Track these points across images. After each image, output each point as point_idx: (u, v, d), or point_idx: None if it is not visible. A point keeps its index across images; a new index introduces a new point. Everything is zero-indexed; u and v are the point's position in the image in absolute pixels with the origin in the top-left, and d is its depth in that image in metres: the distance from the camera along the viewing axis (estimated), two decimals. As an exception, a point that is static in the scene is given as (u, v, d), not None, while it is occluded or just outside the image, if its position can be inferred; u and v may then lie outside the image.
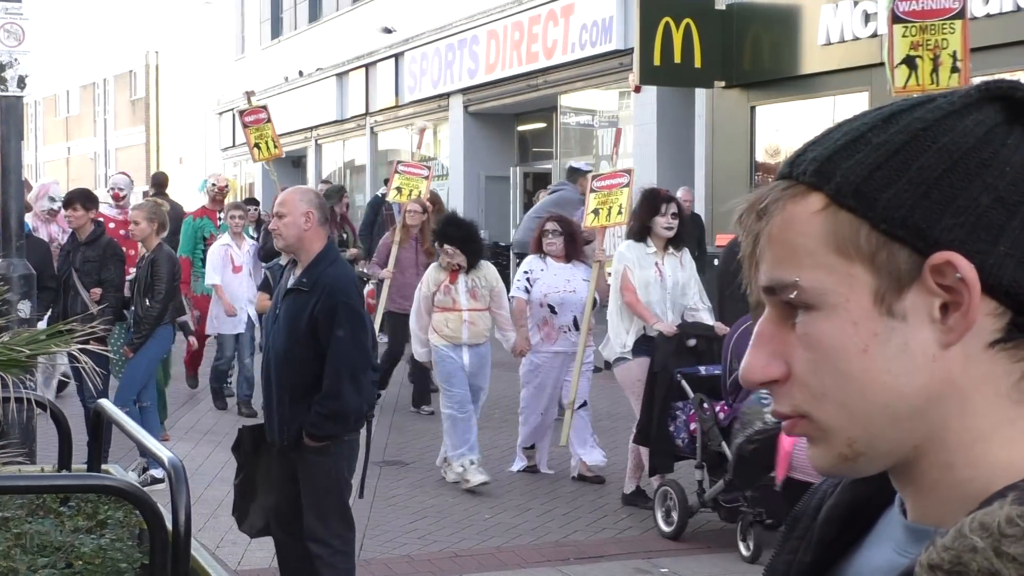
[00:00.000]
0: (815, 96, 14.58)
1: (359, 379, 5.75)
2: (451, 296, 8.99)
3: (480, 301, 9.03)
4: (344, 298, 5.70)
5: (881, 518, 1.15)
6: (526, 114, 22.44)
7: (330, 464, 5.74)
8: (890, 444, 1.05)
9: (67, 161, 56.99)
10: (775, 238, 1.08)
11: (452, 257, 8.95)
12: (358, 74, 26.76)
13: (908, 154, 1.04)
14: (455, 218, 9.71)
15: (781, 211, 1.08)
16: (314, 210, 5.81)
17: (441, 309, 9.04)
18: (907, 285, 1.03)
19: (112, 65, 51.64)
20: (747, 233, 1.10)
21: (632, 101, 17.92)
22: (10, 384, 4.34)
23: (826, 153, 1.07)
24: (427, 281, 9.17)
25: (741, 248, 1.12)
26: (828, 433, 1.07)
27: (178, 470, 3.73)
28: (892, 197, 1.03)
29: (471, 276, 9.02)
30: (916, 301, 1.03)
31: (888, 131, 1.05)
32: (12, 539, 3.77)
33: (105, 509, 4.27)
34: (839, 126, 1.10)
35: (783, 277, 1.07)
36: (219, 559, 6.59)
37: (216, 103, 37.00)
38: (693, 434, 7.50)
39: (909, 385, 1.03)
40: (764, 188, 1.10)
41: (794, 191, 1.08)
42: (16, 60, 8.07)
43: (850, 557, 1.16)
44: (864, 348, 1.03)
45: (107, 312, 9.12)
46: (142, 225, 9.29)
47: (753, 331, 1.10)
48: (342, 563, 5.84)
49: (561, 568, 7.25)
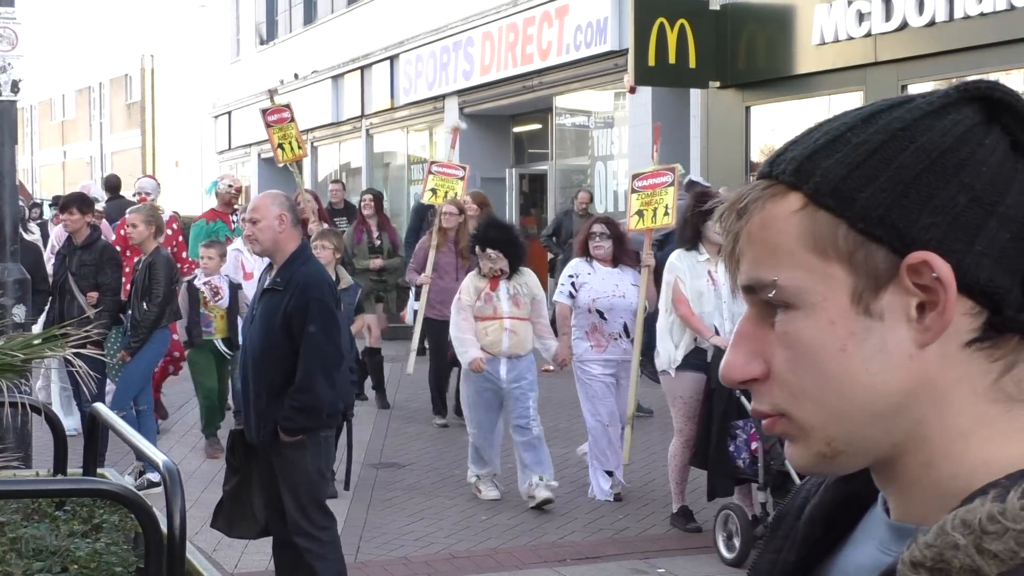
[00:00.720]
0: (810, 96, 14.58)
1: (331, 374, 5.92)
2: (492, 304, 8.48)
3: (522, 309, 8.51)
4: (316, 295, 5.87)
5: (865, 517, 1.15)
6: (522, 115, 22.43)
7: (306, 459, 5.85)
8: (869, 442, 1.06)
9: (63, 165, 56.94)
10: (754, 237, 1.08)
11: (494, 262, 8.43)
12: (353, 76, 26.75)
13: (886, 154, 1.04)
14: (496, 220, 9.16)
15: (760, 210, 1.08)
16: (286, 212, 5.99)
17: (480, 318, 8.51)
18: (884, 284, 1.03)
19: (107, 69, 51.60)
20: (727, 232, 1.11)
21: (627, 102, 17.92)
22: (4, 389, 4.34)
23: (805, 152, 1.07)
24: (467, 290, 8.61)
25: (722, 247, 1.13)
26: (807, 432, 1.07)
27: (173, 473, 3.73)
28: (870, 197, 1.03)
29: (513, 282, 8.51)
30: (893, 300, 1.03)
31: (867, 131, 1.06)
32: (7, 543, 3.78)
33: (100, 513, 4.28)
34: (819, 126, 1.10)
35: (762, 276, 1.07)
36: (215, 562, 6.59)
37: (212, 106, 36.97)
38: (755, 454, 7.10)
39: (887, 384, 1.03)
40: (745, 187, 1.11)
41: (774, 190, 1.08)
42: (9, 64, 8.07)
43: (834, 556, 1.16)
44: (842, 347, 1.04)
45: (104, 316, 9.12)
46: (140, 228, 9.30)
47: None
48: (332, 553, 5.96)
49: (558, 569, 7.25)
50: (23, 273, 8.10)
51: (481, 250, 8.50)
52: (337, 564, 5.97)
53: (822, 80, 14.28)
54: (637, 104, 17.49)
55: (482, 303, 8.48)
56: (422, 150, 25.56)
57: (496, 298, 8.46)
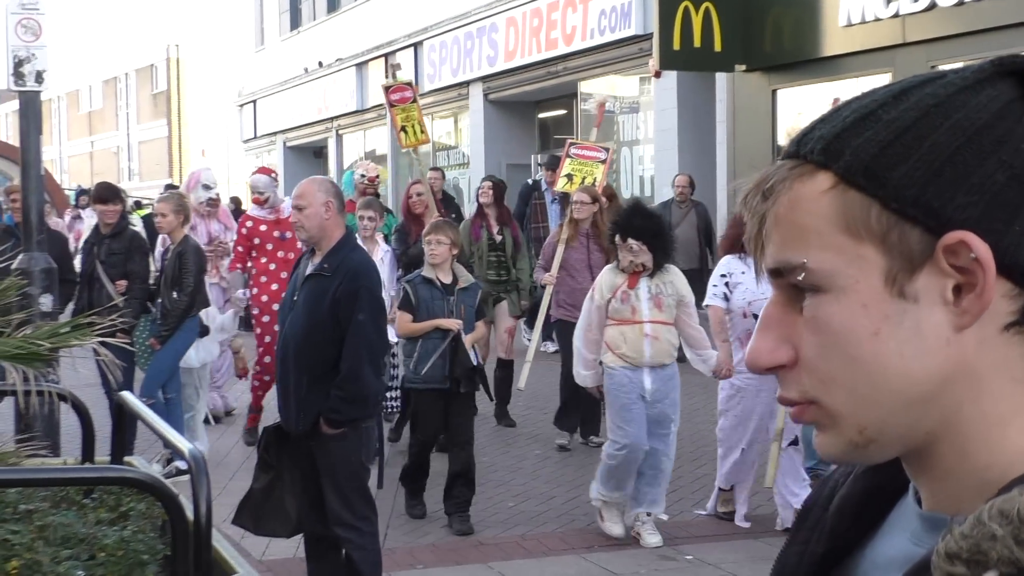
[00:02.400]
0: (837, 78, 14.49)
1: (378, 363, 5.89)
2: (630, 304, 7.28)
3: (665, 312, 7.30)
4: (367, 282, 5.82)
5: (895, 508, 1.12)
6: (546, 101, 22.41)
7: (348, 449, 5.80)
8: (902, 430, 1.03)
9: (91, 155, 57.22)
10: (782, 219, 1.05)
11: (636, 255, 7.22)
12: (378, 64, 26.76)
13: (920, 131, 1.00)
14: (641, 207, 7.78)
15: (788, 191, 1.05)
16: (332, 199, 5.91)
17: (617, 321, 7.31)
18: (919, 266, 1.00)
19: (133, 59, 51.82)
20: (752, 214, 1.07)
21: (652, 86, 17.87)
22: (31, 377, 4.35)
23: (834, 131, 1.04)
24: (600, 287, 7.39)
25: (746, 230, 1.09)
26: (837, 420, 1.04)
27: (199, 461, 3.73)
28: (903, 175, 1.00)
29: (655, 280, 7.31)
30: (928, 282, 1.00)
31: (899, 107, 1.02)
32: (36, 531, 3.79)
33: (127, 501, 4.28)
34: (848, 103, 1.07)
35: (790, 259, 1.04)
36: (243, 550, 6.60)
37: (237, 95, 37.05)
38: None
39: (921, 369, 1.00)
40: (770, 168, 1.07)
41: (801, 170, 1.05)
42: (34, 55, 8.09)
43: (863, 547, 1.13)
44: (875, 331, 1.00)
45: (132, 304, 9.15)
46: (169, 218, 9.31)
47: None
48: (371, 544, 5.93)
49: (586, 556, 7.24)
50: (49, 262, 8.13)
51: (622, 240, 7.25)
52: (375, 555, 5.95)
53: (850, 62, 14.19)
54: (662, 89, 17.44)
55: (618, 303, 7.30)
56: (447, 136, 25.56)
57: (635, 298, 7.29)
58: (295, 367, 5.84)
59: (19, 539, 3.69)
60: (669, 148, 17.53)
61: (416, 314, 7.78)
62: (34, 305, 7.66)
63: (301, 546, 6.38)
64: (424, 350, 7.73)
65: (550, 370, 11.38)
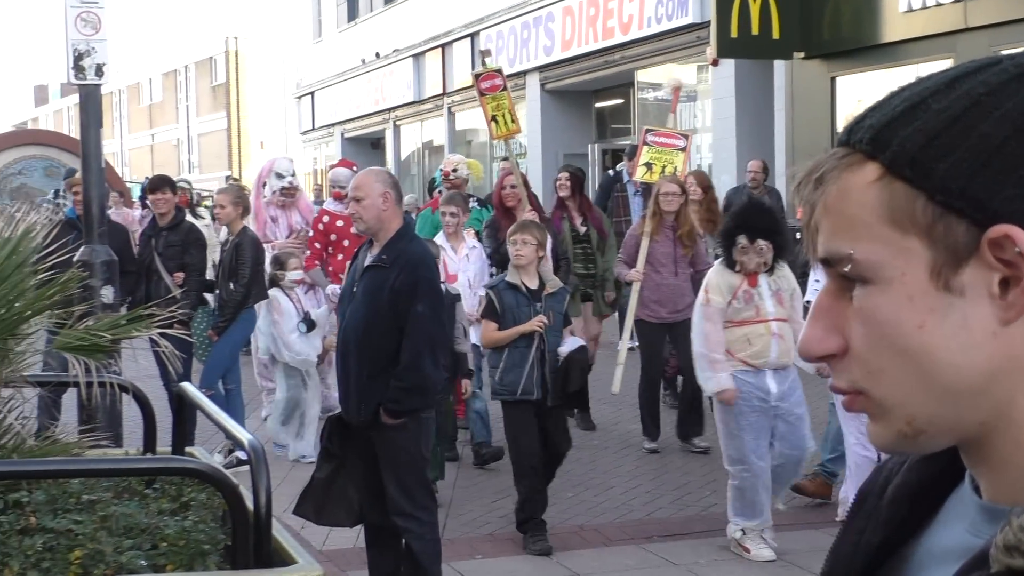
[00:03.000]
0: (897, 65, 14.32)
1: (437, 354, 5.90)
2: (753, 303, 6.91)
3: (786, 307, 6.99)
4: (426, 273, 5.84)
5: (951, 497, 1.11)
6: (603, 90, 22.35)
7: (408, 439, 5.81)
8: (951, 422, 1.02)
9: (151, 148, 57.79)
10: (831, 208, 1.04)
11: (762, 255, 6.86)
12: (435, 55, 26.80)
13: (968, 121, 0.99)
14: (760, 204, 7.64)
15: (837, 180, 1.04)
16: (390, 190, 5.92)
17: (738, 323, 6.93)
18: (965, 259, 0.98)
19: (192, 52, 52.27)
20: (805, 203, 1.07)
21: (710, 75, 17.77)
22: (93, 369, 4.39)
23: (884, 120, 1.03)
24: (715, 289, 6.94)
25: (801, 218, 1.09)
26: (887, 410, 1.03)
27: (258, 452, 3.76)
28: (950, 167, 0.98)
29: (773, 276, 6.99)
30: (974, 276, 0.98)
31: (950, 96, 1.01)
32: (98, 521, 3.82)
33: (188, 491, 4.32)
34: (900, 91, 1.05)
35: (839, 249, 1.03)
36: (303, 540, 6.64)
37: (295, 87, 37.25)
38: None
39: (968, 362, 0.99)
40: (822, 156, 1.07)
41: (850, 160, 1.04)
42: (93, 48, 8.16)
43: (919, 537, 1.12)
44: (920, 324, 0.99)
45: (189, 296, 9.23)
46: (227, 209, 9.40)
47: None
48: (430, 534, 5.95)
49: (644, 546, 7.22)
50: (110, 255, 8.21)
51: (750, 241, 6.82)
52: (434, 545, 5.98)
53: (910, 48, 14.03)
54: (720, 77, 17.33)
55: (740, 304, 6.91)
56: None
57: (758, 296, 6.92)
58: (355, 358, 5.86)
59: (82, 529, 3.73)
60: (727, 137, 17.43)
61: (501, 322, 7.22)
62: (95, 297, 7.73)
63: (361, 536, 6.41)
64: (511, 360, 7.17)
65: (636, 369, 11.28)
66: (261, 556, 3.65)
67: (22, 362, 4.50)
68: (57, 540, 3.68)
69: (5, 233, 4.48)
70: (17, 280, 4.41)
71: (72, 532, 3.72)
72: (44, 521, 3.75)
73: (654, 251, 9.39)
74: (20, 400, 4.59)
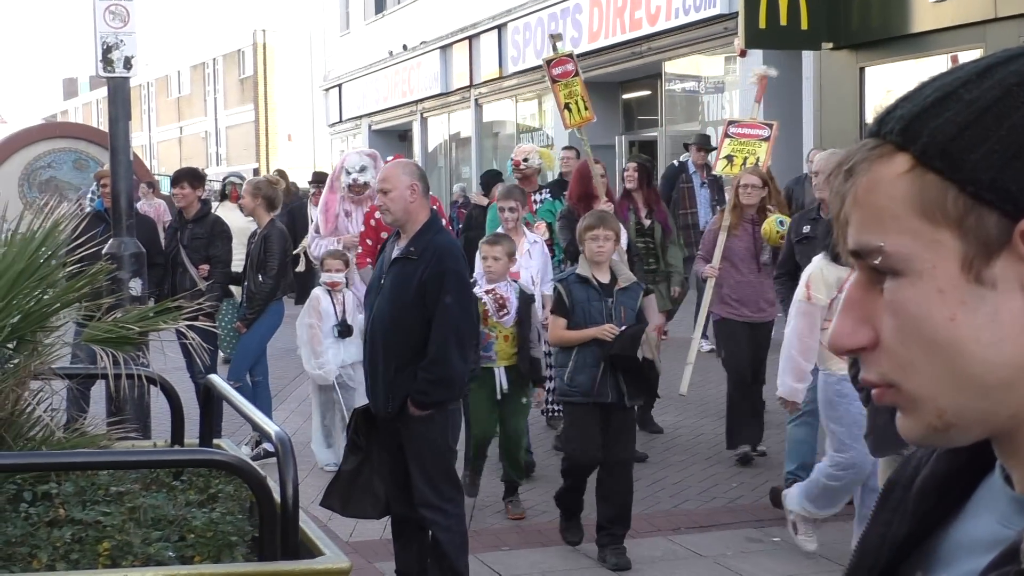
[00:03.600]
0: (927, 55, 14.24)
1: (465, 346, 5.87)
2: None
3: None
4: (453, 265, 5.81)
5: (980, 487, 1.10)
6: (630, 82, 22.30)
7: (434, 431, 5.82)
8: (982, 415, 1.01)
9: (179, 141, 57.99)
10: (861, 200, 1.03)
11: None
12: (462, 46, 26.79)
13: (1000, 111, 0.98)
14: None
15: (867, 172, 1.03)
16: (417, 182, 5.92)
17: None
18: (997, 251, 0.97)
19: (221, 44, 52.41)
20: (836, 194, 1.06)
21: (738, 66, 17.70)
22: (122, 361, 4.42)
23: (914, 111, 1.02)
24: (818, 284, 6.41)
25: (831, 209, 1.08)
26: (917, 403, 1.02)
27: (285, 444, 3.77)
28: (980, 158, 0.97)
29: None
30: (1006, 268, 0.97)
31: (982, 86, 1.00)
32: (127, 513, 3.85)
33: (216, 483, 4.34)
34: (932, 80, 1.04)
35: (869, 241, 1.02)
36: (330, 531, 6.66)
37: (323, 79, 37.32)
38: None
39: (999, 356, 0.98)
40: (854, 146, 1.06)
41: (881, 151, 1.03)
42: (122, 41, 8.19)
43: (948, 528, 1.11)
44: (951, 317, 0.98)
45: (215, 288, 9.26)
46: (246, 200, 9.44)
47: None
48: (457, 526, 5.94)
49: (672, 538, 7.21)
50: (139, 247, 8.24)
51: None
52: (461, 536, 5.97)
53: (939, 38, 13.93)
54: (748, 68, 17.24)
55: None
56: (531, 119, 25.53)
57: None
58: (383, 351, 5.86)
59: (110, 521, 3.75)
60: (755, 128, 17.35)
61: (571, 318, 6.80)
62: (124, 290, 7.77)
63: (388, 528, 6.42)
64: (582, 360, 6.72)
65: (711, 371, 11.21)
66: (288, 548, 3.66)
67: (51, 354, 4.53)
68: (86, 531, 3.70)
69: (35, 226, 4.51)
70: (46, 273, 4.44)
71: (100, 524, 3.74)
72: (73, 512, 3.77)
73: (733, 246, 8.91)
74: (49, 392, 4.62)
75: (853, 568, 1.17)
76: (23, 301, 4.37)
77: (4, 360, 4.39)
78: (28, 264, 4.33)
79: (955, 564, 1.06)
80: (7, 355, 4.40)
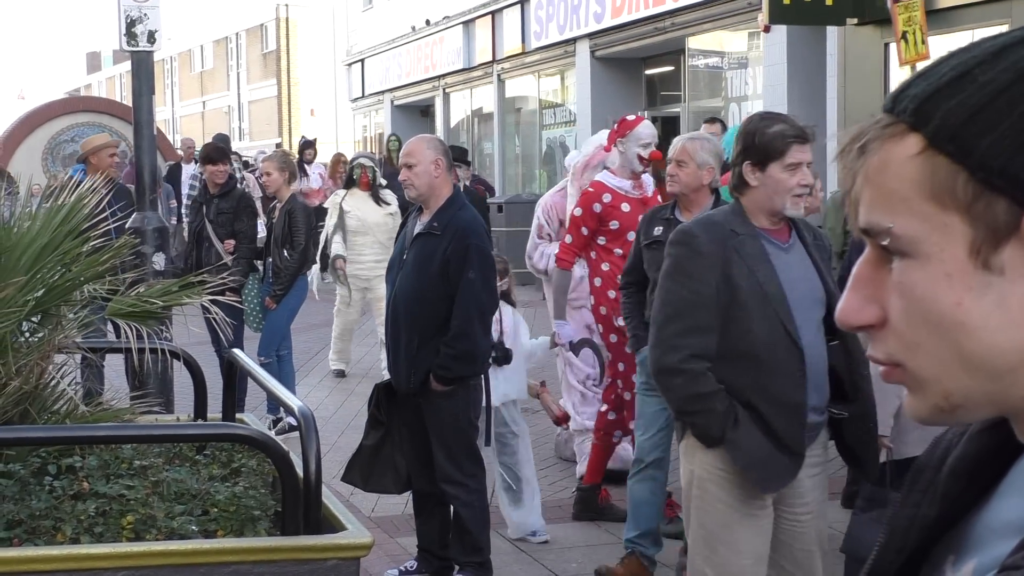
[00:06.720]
0: (952, 31, 14.12)
1: (487, 321, 5.89)
2: None
3: None
4: (476, 240, 5.81)
5: (1012, 469, 1.08)
6: (653, 58, 22.19)
7: (456, 406, 5.83)
8: (990, 397, 1.01)
9: (202, 115, 58.04)
10: (871, 179, 1.03)
11: None
12: (484, 22, 26.70)
13: (1012, 96, 0.97)
14: None
15: (878, 151, 1.03)
16: (442, 157, 5.91)
17: None
18: (1005, 238, 0.97)
19: (243, 19, 52.38)
20: (848, 170, 1.06)
21: (761, 41, 17.61)
22: (145, 335, 4.43)
23: (928, 90, 1.01)
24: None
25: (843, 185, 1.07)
26: (923, 384, 1.03)
27: (308, 418, 3.78)
28: (991, 144, 0.96)
29: None
30: (1014, 255, 0.97)
31: (996, 68, 0.99)
32: (150, 487, 3.87)
33: (239, 457, 4.36)
34: (949, 57, 1.03)
35: (879, 221, 1.02)
36: (352, 506, 6.69)
37: (345, 54, 37.26)
38: None
39: (1006, 341, 0.98)
40: (866, 122, 1.05)
41: (893, 130, 1.02)
42: (145, 15, 8.19)
43: (978, 510, 1.09)
44: (958, 302, 0.98)
45: (240, 263, 9.28)
46: (274, 176, 9.43)
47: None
48: (478, 502, 5.96)
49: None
50: (162, 221, 8.27)
51: None
52: (482, 512, 6.00)
53: (964, 14, 13.83)
54: (771, 44, 17.17)
55: None
56: (554, 95, 25.47)
57: None
58: (405, 326, 5.87)
59: (134, 494, 3.78)
60: (778, 104, 17.26)
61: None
62: (147, 264, 7.79)
63: (410, 503, 6.44)
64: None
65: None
66: (311, 522, 3.67)
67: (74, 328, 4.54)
68: (109, 505, 3.73)
69: (59, 200, 4.52)
70: (69, 247, 4.45)
71: (124, 497, 3.76)
72: (97, 486, 3.80)
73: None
74: (72, 366, 4.64)
75: (881, 549, 1.16)
76: (47, 275, 4.39)
77: (29, 334, 4.41)
78: (52, 238, 4.34)
79: (986, 548, 1.05)
80: (32, 328, 4.43)
